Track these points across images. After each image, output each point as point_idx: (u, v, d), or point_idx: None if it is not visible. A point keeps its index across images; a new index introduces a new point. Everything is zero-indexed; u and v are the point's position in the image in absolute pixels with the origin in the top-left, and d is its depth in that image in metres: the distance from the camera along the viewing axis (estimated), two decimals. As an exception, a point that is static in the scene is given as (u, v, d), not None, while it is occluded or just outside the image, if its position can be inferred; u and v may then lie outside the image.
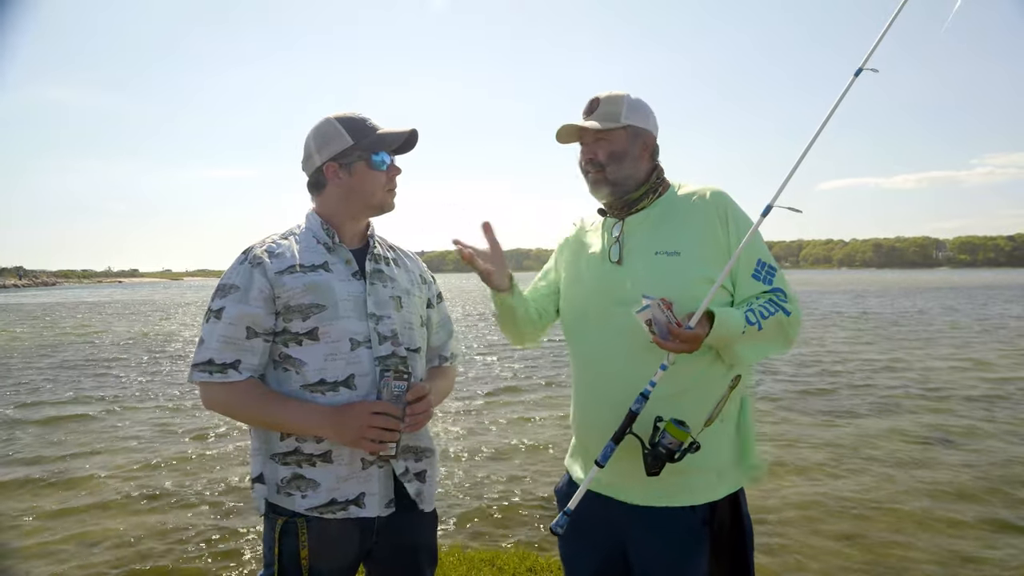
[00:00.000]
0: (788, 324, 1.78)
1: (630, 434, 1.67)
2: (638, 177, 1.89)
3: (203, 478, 5.84)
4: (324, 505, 1.71)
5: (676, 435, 1.63)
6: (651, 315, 1.62)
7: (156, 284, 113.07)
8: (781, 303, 1.78)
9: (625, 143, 1.88)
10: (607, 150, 1.87)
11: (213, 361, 1.69)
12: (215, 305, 1.73)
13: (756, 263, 1.81)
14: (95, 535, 4.65)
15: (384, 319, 1.79)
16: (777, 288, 1.81)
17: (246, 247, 1.80)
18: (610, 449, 1.69)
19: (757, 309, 1.74)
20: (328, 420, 1.67)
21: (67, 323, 24.62)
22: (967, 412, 7.91)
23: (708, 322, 1.67)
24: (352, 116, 1.82)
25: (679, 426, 1.64)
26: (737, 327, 1.69)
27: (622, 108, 1.87)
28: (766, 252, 1.83)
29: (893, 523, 4.63)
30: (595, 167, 1.89)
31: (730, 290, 1.81)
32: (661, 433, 1.65)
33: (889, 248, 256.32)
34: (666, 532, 1.76)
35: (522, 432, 7.35)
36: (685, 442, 1.64)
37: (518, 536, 4.55)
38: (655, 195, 1.90)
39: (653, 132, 1.92)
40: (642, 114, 1.90)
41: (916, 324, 19.25)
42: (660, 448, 1.64)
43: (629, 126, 1.87)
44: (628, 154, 1.88)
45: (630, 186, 1.89)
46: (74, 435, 7.46)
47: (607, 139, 1.88)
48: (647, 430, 1.68)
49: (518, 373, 11.37)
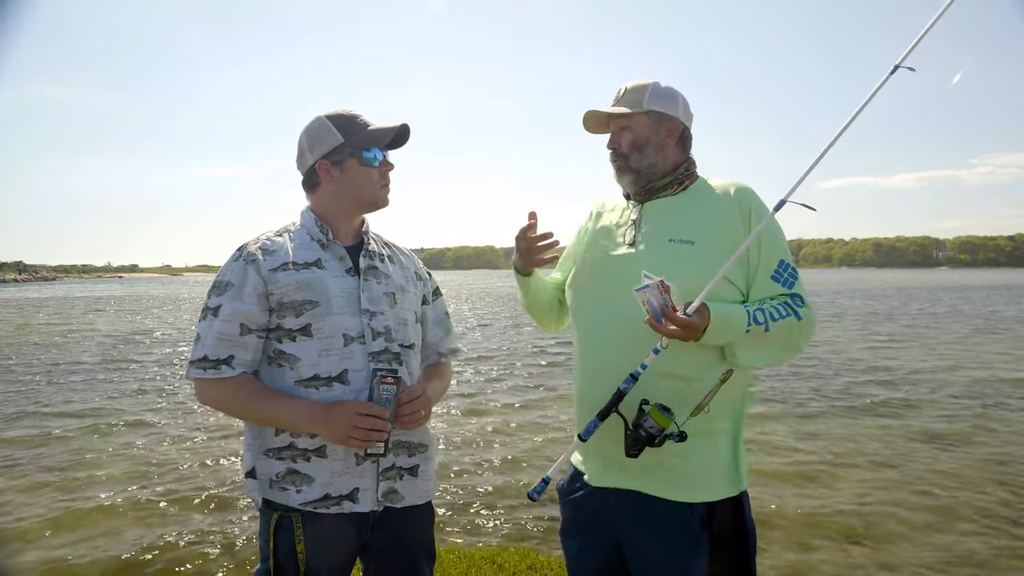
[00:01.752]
0: (799, 330, 1.74)
1: (615, 413, 1.67)
2: (664, 166, 1.86)
3: (200, 471, 5.83)
4: (318, 500, 1.72)
5: (659, 420, 1.63)
6: (648, 296, 1.61)
7: (154, 280, 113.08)
8: (795, 307, 1.73)
9: (647, 130, 1.85)
10: (629, 139, 1.86)
11: (207, 358, 1.71)
12: (211, 303, 1.75)
13: (778, 264, 1.77)
14: (90, 529, 4.64)
15: (378, 315, 1.79)
16: (796, 293, 1.76)
17: (241, 244, 1.81)
18: (594, 425, 1.69)
19: (768, 310, 1.70)
20: (318, 416, 1.68)
21: (73, 316, 24.63)
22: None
23: (708, 315, 1.65)
24: (342, 113, 1.83)
25: (663, 412, 1.64)
26: (740, 326, 1.66)
27: (644, 95, 1.84)
28: (788, 254, 1.79)
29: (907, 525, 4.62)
30: (618, 156, 1.88)
31: (742, 289, 1.77)
32: (645, 416, 1.65)
33: (889, 247, 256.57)
34: (660, 527, 1.74)
35: (523, 428, 7.34)
36: (667, 428, 1.63)
37: (519, 534, 4.54)
38: (680, 186, 1.86)
39: (682, 120, 1.87)
40: (668, 100, 1.86)
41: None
42: (641, 431, 1.64)
43: (651, 111, 1.84)
44: (650, 142, 1.85)
45: (655, 175, 1.86)
46: (68, 432, 7.45)
47: (629, 127, 1.86)
48: (632, 411, 1.67)
49: (519, 368, 11.37)
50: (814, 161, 1.71)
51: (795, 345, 1.77)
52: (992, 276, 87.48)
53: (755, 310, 1.69)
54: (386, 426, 1.68)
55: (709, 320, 1.64)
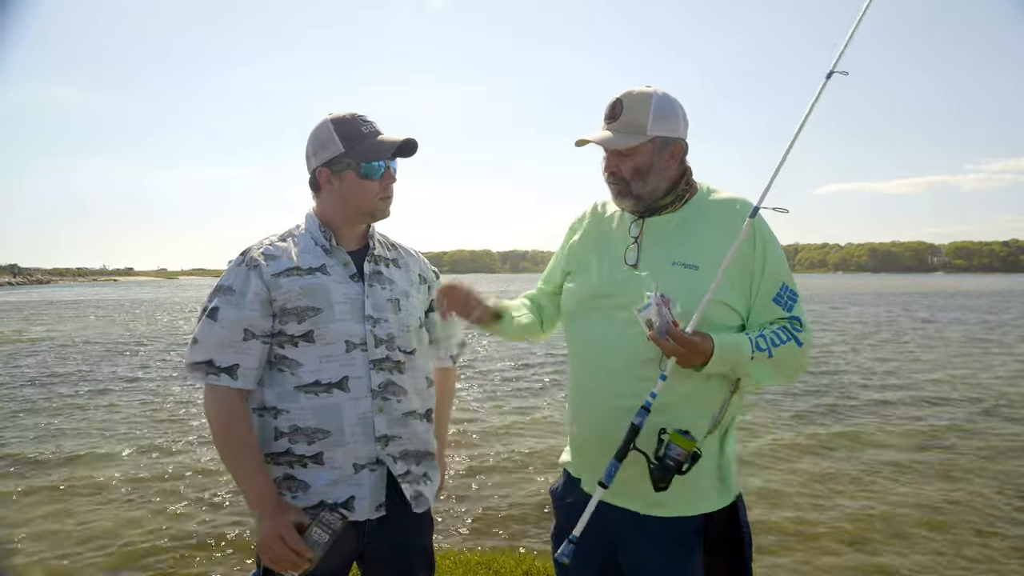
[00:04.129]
0: (799, 354, 1.71)
1: (634, 450, 1.60)
2: (665, 187, 1.77)
3: (195, 474, 5.80)
4: (313, 507, 1.70)
5: (683, 445, 1.57)
6: (651, 315, 1.58)
7: (148, 283, 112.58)
8: (795, 332, 1.70)
9: (650, 157, 1.73)
10: (630, 165, 1.73)
11: (213, 363, 1.69)
12: (210, 304, 1.73)
13: (780, 287, 1.72)
14: (85, 532, 4.60)
15: (381, 322, 1.78)
16: (795, 316, 1.73)
17: (244, 248, 1.79)
18: (614, 468, 1.61)
19: (769, 336, 1.67)
20: (266, 506, 1.65)
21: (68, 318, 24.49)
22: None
23: (710, 339, 1.61)
24: (349, 119, 1.78)
25: (685, 435, 1.59)
26: (743, 353, 1.63)
27: (648, 117, 1.70)
28: (791, 277, 1.75)
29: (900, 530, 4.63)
30: (618, 181, 1.77)
31: (741, 313, 1.73)
32: (667, 445, 1.58)
33: (885, 253, 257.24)
34: (656, 537, 1.73)
35: (517, 434, 7.33)
36: (692, 451, 1.58)
37: (515, 539, 4.53)
38: (681, 202, 1.79)
39: (682, 137, 1.76)
40: (671, 120, 1.73)
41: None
42: (668, 460, 1.57)
43: (656, 138, 1.71)
44: (654, 168, 1.74)
45: (656, 197, 1.77)
46: (62, 433, 7.41)
47: (630, 154, 1.73)
48: (651, 443, 1.62)
49: (513, 374, 11.35)
50: (774, 172, 1.72)
51: (797, 370, 1.76)
52: (993, 281, 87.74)
53: (757, 337, 1.66)
54: (302, 566, 1.63)
55: (713, 348, 1.60)
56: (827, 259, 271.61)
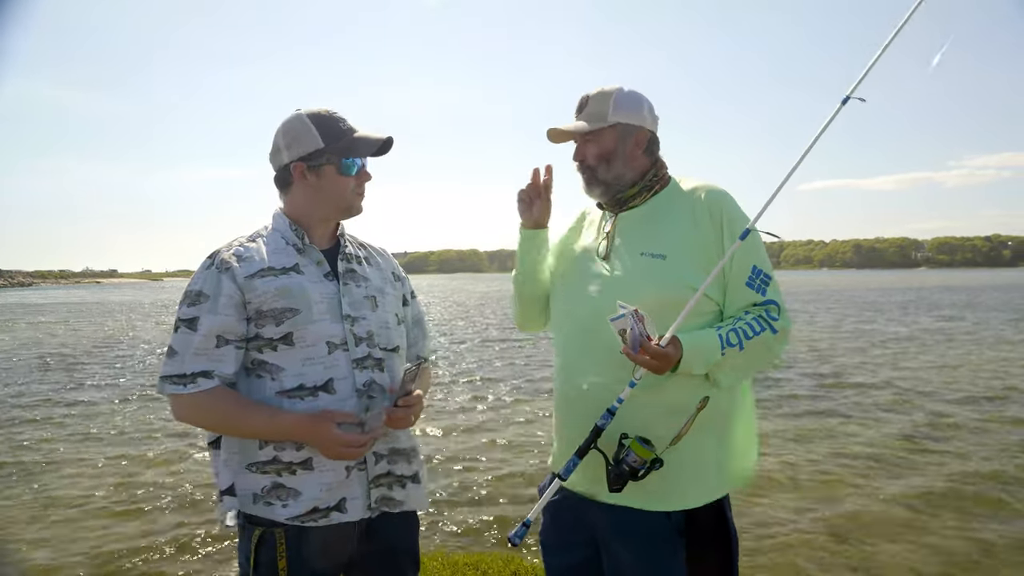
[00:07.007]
0: (774, 342, 1.72)
1: (594, 449, 1.67)
2: (631, 175, 1.84)
3: (178, 484, 5.72)
4: (306, 513, 1.67)
5: (640, 453, 1.63)
6: (624, 325, 1.60)
7: (128, 285, 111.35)
8: (770, 321, 1.71)
9: (614, 143, 1.82)
10: (595, 152, 1.83)
11: (184, 373, 1.65)
12: (183, 314, 1.68)
13: (751, 270, 1.73)
14: (69, 541, 4.54)
15: (360, 320, 1.76)
16: (770, 300, 1.73)
17: (212, 251, 1.74)
18: (573, 464, 1.69)
19: (741, 328, 1.68)
20: (297, 430, 1.65)
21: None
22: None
23: (680, 344, 1.63)
24: (325, 115, 1.76)
25: (644, 444, 1.63)
26: (713, 353, 1.65)
27: (608, 106, 1.81)
28: (763, 258, 1.76)
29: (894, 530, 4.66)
30: (585, 169, 1.86)
31: (717, 300, 1.75)
32: (626, 451, 1.64)
33: (869, 249, 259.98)
34: (636, 536, 1.73)
35: (505, 433, 7.31)
36: (648, 460, 1.63)
37: (502, 539, 4.50)
38: (650, 192, 1.85)
39: (647, 127, 1.85)
40: (633, 109, 1.83)
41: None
42: (624, 465, 1.64)
43: (617, 124, 1.81)
44: (617, 154, 1.82)
45: (623, 185, 1.84)
46: (44, 441, 7.31)
47: (595, 140, 1.83)
48: (612, 446, 1.67)
49: (500, 373, 11.33)
50: (772, 195, 1.74)
51: (771, 358, 1.78)
52: (979, 276, 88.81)
53: (728, 331, 1.67)
54: (369, 448, 1.70)
55: (682, 352, 1.63)
56: (812, 256, 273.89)
